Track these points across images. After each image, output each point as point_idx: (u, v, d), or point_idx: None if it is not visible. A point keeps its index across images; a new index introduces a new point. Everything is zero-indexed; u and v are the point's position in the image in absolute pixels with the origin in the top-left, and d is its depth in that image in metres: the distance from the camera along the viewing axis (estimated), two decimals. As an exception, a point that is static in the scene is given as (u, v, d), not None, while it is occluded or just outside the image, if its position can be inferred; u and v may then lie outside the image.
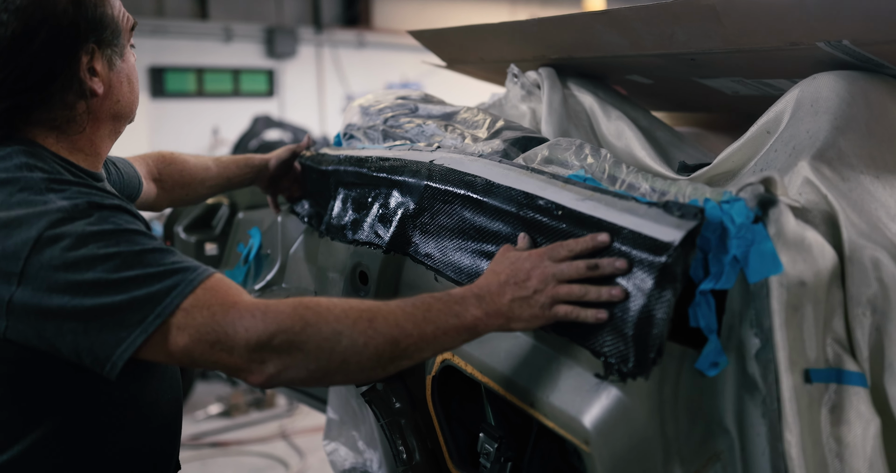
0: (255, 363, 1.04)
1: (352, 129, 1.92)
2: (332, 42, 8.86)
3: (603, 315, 1.09)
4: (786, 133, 1.32)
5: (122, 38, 1.28)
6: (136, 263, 1.08)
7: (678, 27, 1.44)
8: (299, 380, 1.08)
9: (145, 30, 7.74)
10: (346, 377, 1.10)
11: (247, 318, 1.05)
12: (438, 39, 2.03)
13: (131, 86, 1.32)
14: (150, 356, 1.07)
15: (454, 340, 1.11)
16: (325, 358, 1.05)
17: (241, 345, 1.03)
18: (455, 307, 1.11)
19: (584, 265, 1.11)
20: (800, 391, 1.04)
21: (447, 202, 1.40)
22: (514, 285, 1.13)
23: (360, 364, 1.07)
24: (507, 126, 1.59)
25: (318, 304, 1.08)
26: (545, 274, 1.12)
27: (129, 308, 1.05)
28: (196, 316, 1.05)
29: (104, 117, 1.28)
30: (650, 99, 2.03)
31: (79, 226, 1.09)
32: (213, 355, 1.05)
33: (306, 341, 1.05)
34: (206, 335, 1.05)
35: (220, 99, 8.24)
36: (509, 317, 1.12)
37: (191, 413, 5.42)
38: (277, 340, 1.04)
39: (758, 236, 1.04)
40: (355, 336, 1.05)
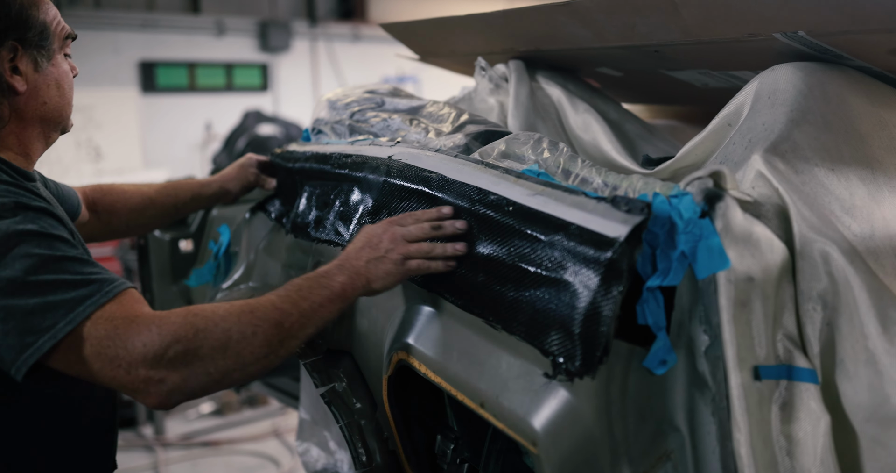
0: (153, 380, 1.07)
1: (320, 124, 1.91)
2: (327, 36, 8.82)
3: (452, 263, 1.25)
4: (744, 125, 1.30)
5: (51, 43, 1.31)
6: (55, 268, 1.10)
7: (639, 19, 1.42)
8: (201, 387, 1.11)
9: (136, 24, 7.71)
10: (244, 371, 1.13)
11: (144, 332, 1.08)
12: (409, 32, 2.01)
13: (61, 91, 1.34)
14: (55, 364, 1.08)
15: (330, 309, 1.21)
16: (221, 357, 1.10)
17: (139, 360, 1.06)
18: (322, 280, 1.22)
19: (429, 226, 1.27)
20: (749, 388, 1.02)
21: (405, 199, 1.38)
22: (369, 249, 1.27)
23: (253, 354, 1.13)
24: (470, 120, 1.57)
25: (204, 309, 1.13)
26: (395, 235, 1.27)
27: (41, 313, 1.07)
28: (100, 328, 1.08)
29: (30, 118, 1.31)
30: (623, 92, 2.01)
31: (2, 225, 1.11)
32: (111, 370, 1.07)
33: (200, 345, 1.09)
34: (106, 350, 1.07)
35: (212, 94, 8.21)
36: (368, 277, 1.25)
37: (183, 413, 5.41)
38: (172, 351, 1.07)
39: (705, 232, 1.02)
40: (243, 328, 1.12)
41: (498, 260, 1.16)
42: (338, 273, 1.24)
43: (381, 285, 1.26)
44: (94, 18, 7.53)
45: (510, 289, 1.13)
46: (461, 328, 1.23)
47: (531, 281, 1.11)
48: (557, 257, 1.08)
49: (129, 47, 7.73)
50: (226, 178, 1.96)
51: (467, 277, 1.21)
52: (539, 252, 1.11)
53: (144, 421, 5.19)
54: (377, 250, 1.27)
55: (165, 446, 4.98)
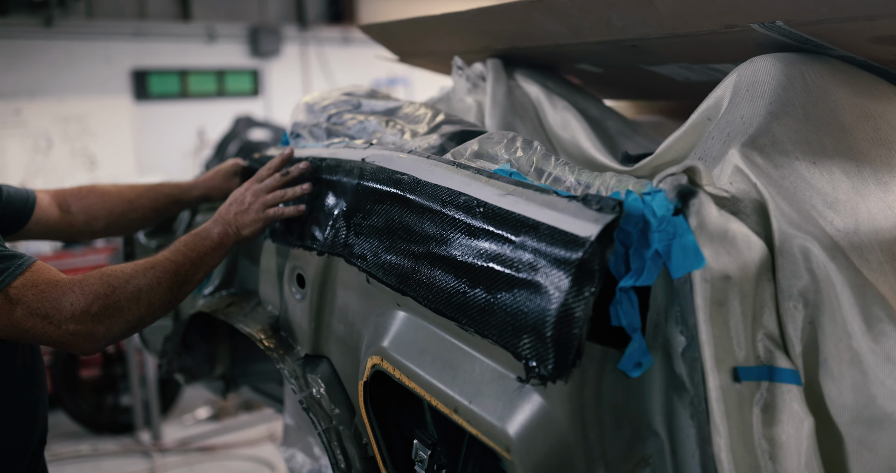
0: (81, 333, 1.27)
1: (298, 127, 1.87)
2: (318, 39, 8.79)
3: (302, 207, 1.54)
4: (723, 120, 1.27)
5: None
6: None
7: (614, 13, 1.39)
8: (121, 333, 1.33)
9: (127, 32, 7.68)
10: (153, 315, 1.37)
11: (69, 294, 1.28)
12: (386, 33, 1.97)
13: None
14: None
15: (213, 256, 1.49)
16: (136, 306, 1.33)
17: (68, 317, 1.26)
18: (203, 233, 1.51)
19: (279, 175, 1.57)
20: (728, 390, 0.99)
21: (378, 201, 1.35)
22: (236, 204, 1.55)
23: (160, 300, 1.37)
24: (446, 120, 1.54)
25: (115, 269, 1.35)
26: (255, 190, 1.56)
27: None
28: (27, 293, 1.26)
29: None
30: (605, 88, 1.98)
31: None
32: (43, 327, 1.26)
33: (118, 299, 1.31)
34: (38, 310, 1.26)
35: (204, 100, 8.18)
36: (237, 226, 1.53)
37: (179, 418, 5.38)
38: (96, 306, 1.28)
39: (679, 229, 0.99)
40: (149, 281, 1.36)
41: (470, 262, 1.13)
42: (213, 227, 1.52)
43: (249, 231, 1.53)
44: (86, 27, 7.50)
45: (482, 292, 1.10)
46: (435, 331, 1.19)
47: (503, 283, 1.07)
48: (528, 259, 1.05)
49: (122, 56, 7.70)
50: (208, 184, 1.93)
51: (440, 279, 1.17)
52: (510, 253, 1.07)
53: (142, 427, 5.17)
54: (242, 204, 1.55)
55: (163, 451, 4.96)
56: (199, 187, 1.91)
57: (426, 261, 1.21)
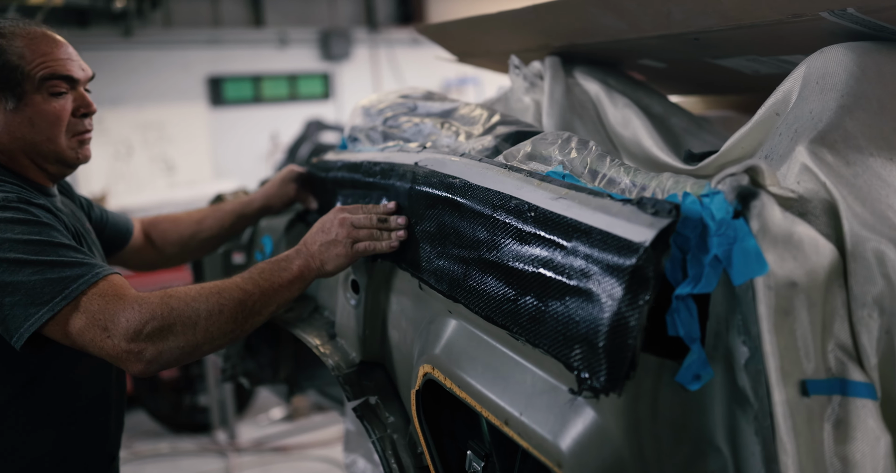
0: (133, 352, 1.23)
1: (355, 131, 1.86)
2: (387, 41, 8.83)
3: (395, 244, 1.37)
4: (791, 114, 1.19)
5: (24, 84, 1.42)
6: (52, 252, 1.28)
7: (674, 5, 1.33)
8: (174, 359, 1.26)
9: (202, 40, 7.86)
10: (212, 344, 1.29)
11: (128, 309, 1.24)
12: (443, 33, 1.95)
13: (35, 128, 1.44)
14: (52, 334, 1.26)
15: (290, 289, 1.36)
16: (192, 333, 1.26)
17: (121, 333, 1.23)
18: (282, 263, 1.38)
19: (376, 217, 1.40)
20: (795, 405, 0.92)
21: (430, 206, 1.32)
22: (322, 234, 1.41)
23: (220, 329, 1.28)
24: (501, 121, 1.50)
25: (178, 291, 1.29)
26: (344, 221, 1.40)
27: (42, 288, 1.25)
28: (94, 303, 1.25)
29: (10, 151, 1.45)
30: (670, 83, 1.91)
31: (7, 214, 1.29)
32: (101, 340, 1.23)
33: (174, 323, 1.25)
34: (98, 321, 1.24)
35: (277, 104, 8.32)
36: (322, 259, 1.39)
37: (254, 418, 5.47)
38: (150, 327, 1.24)
39: (739, 233, 0.93)
40: (211, 307, 1.28)
41: (520, 268, 1.09)
42: (295, 257, 1.39)
43: (333, 266, 1.39)
44: (163, 36, 7.71)
45: (533, 299, 1.06)
46: (486, 340, 1.16)
47: (554, 291, 1.03)
48: (581, 265, 1.00)
49: (198, 63, 7.89)
50: (268, 194, 1.95)
51: (490, 286, 1.14)
52: (562, 260, 1.03)
53: (218, 427, 5.27)
54: (329, 234, 1.40)
55: (238, 451, 5.04)
56: (259, 198, 1.94)
57: (477, 267, 1.17)
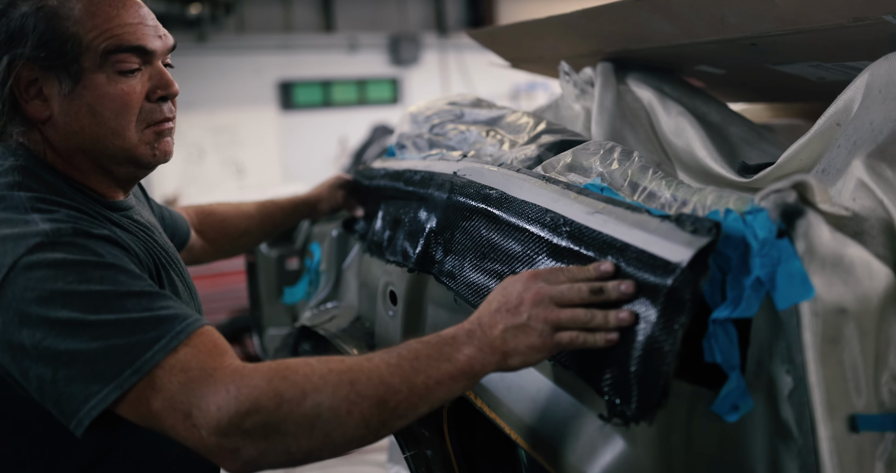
0: (226, 449, 0.89)
1: (403, 138, 1.83)
2: (457, 46, 8.83)
3: (614, 337, 0.92)
4: (851, 125, 1.12)
5: (81, 60, 1.08)
6: (118, 306, 0.95)
7: (727, 9, 1.26)
8: (280, 463, 0.92)
9: (273, 45, 7.98)
10: (333, 451, 0.92)
11: (220, 392, 0.89)
12: (494, 39, 1.91)
13: (98, 118, 1.10)
14: (123, 413, 0.94)
15: (451, 388, 0.95)
16: (306, 436, 0.89)
17: (213, 425, 0.88)
18: (446, 348, 0.95)
19: (587, 288, 0.94)
20: (843, 441, 0.85)
21: (466, 217, 1.28)
22: (506, 313, 0.96)
23: (346, 436, 0.91)
24: (547, 130, 1.45)
25: (296, 372, 0.92)
26: (540, 296, 0.96)
27: (105, 358, 0.92)
28: (173, 380, 0.91)
29: (66, 149, 1.12)
30: (731, 90, 1.83)
31: (59, 254, 0.97)
32: (184, 429, 0.90)
33: (284, 420, 0.89)
34: (179, 405, 0.90)
35: (346, 109, 8.39)
36: (504, 351, 0.95)
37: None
38: (250, 421, 0.88)
39: (784, 254, 0.86)
40: (337, 405, 0.90)
41: (553, 286, 1.04)
42: (466, 343, 0.96)
43: (520, 361, 0.96)
44: (236, 42, 7.87)
45: (565, 319, 1.01)
46: (518, 360, 1.11)
47: (587, 310, 0.98)
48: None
49: (269, 68, 8.03)
50: (318, 198, 1.94)
51: (523, 304, 1.09)
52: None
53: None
54: (517, 315, 0.96)
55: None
56: (309, 202, 1.92)
57: (510, 282, 1.13)
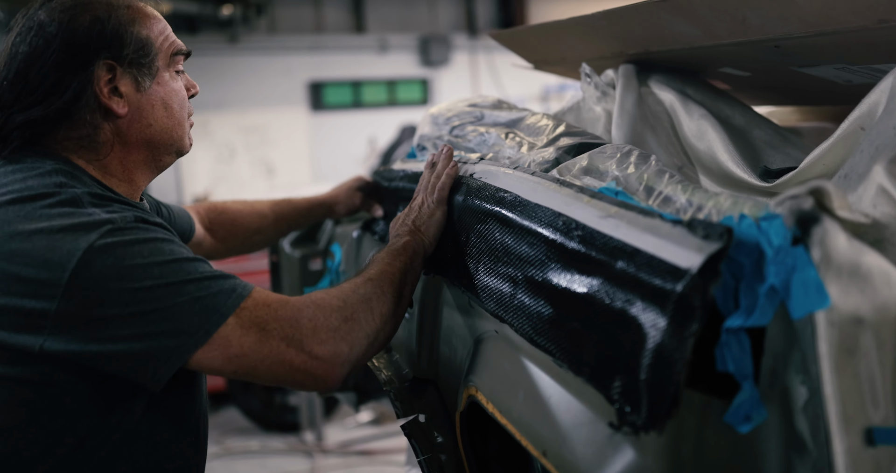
0: (325, 357, 1.10)
1: (423, 140, 1.83)
2: (487, 47, 8.81)
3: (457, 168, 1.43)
4: (874, 130, 1.09)
5: (155, 60, 1.26)
6: (191, 268, 1.11)
7: (749, 10, 1.24)
8: (363, 352, 1.15)
9: (304, 46, 8.03)
10: (385, 329, 1.20)
11: (305, 310, 1.11)
12: (516, 40, 1.89)
13: (169, 111, 1.28)
14: (209, 362, 1.07)
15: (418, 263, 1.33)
16: (370, 318, 1.17)
17: (309, 336, 1.09)
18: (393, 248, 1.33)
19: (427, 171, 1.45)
20: (859, 454, 0.83)
21: (480, 220, 1.27)
22: (407, 213, 1.42)
23: (390, 310, 1.21)
24: (566, 132, 1.44)
25: (333, 289, 1.20)
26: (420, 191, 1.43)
27: (192, 310, 1.06)
28: (260, 313, 1.09)
29: (134, 142, 1.26)
30: (757, 93, 1.79)
31: (129, 236, 1.09)
32: (282, 353, 1.08)
33: (353, 311, 1.15)
34: (276, 331, 1.08)
35: (376, 109, 8.41)
36: (418, 226, 1.38)
37: (341, 421, 5.52)
38: (335, 321, 1.12)
39: (799, 262, 0.84)
40: (373, 291, 1.20)
41: (564, 290, 1.03)
42: (400, 239, 1.34)
43: (430, 224, 1.38)
44: (267, 42, 7.92)
45: (576, 323, 1.00)
46: (530, 364, 1.10)
47: (598, 316, 0.96)
48: (625, 290, 0.93)
49: (299, 69, 8.08)
50: (336, 199, 1.96)
51: (534, 307, 1.08)
52: (606, 283, 0.96)
53: (307, 427, 5.34)
54: (411, 210, 1.41)
55: (324, 452, 5.10)
56: (326, 203, 1.94)
57: (522, 286, 1.12)
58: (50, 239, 1.06)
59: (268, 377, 1.11)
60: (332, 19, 8.32)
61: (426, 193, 1.41)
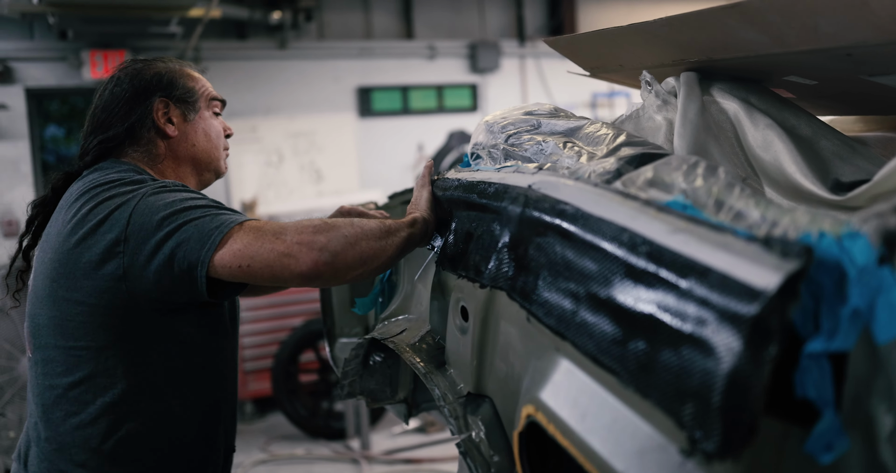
0: (303, 243, 1.42)
1: (478, 148, 1.80)
2: (536, 54, 8.76)
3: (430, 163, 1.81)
4: (959, 142, 1.03)
5: (197, 102, 1.78)
6: (214, 205, 1.54)
7: (821, 18, 1.19)
8: (341, 248, 1.44)
9: (354, 52, 8.06)
10: (368, 242, 1.49)
11: (290, 224, 1.48)
12: (573, 47, 1.86)
13: (208, 138, 1.79)
14: (220, 261, 1.44)
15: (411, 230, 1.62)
16: (349, 227, 1.48)
17: (292, 231, 1.44)
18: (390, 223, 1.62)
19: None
20: (949, 488, 0.78)
21: (540, 233, 1.24)
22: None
23: (373, 233, 1.50)
24: (627, 142, 1.40)
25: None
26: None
27: (210, 222, 1.47)
28: (260, 223, 1.49)
29: (183, 157, 1.76)
30: (823, 102, 1.73)
31: (169, 189, 1.55)
32: (272, 242, 1.43)
33: (335, 222, 1.48)
34: (268, 231, 1.45)
35: (424, 115, 8.40)
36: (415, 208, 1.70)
37: (388, 429, 5.51)
38: (315, 224, 1.47)
39: (885, 283, 0.80)
40: (360, 220, 1.53)
41: (631, 308, 0.99)
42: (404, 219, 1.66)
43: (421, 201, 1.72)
44: (316, 48, 7.97)
45: (643, 344, 0.96)
46: (594, 384, 1.06)
47: (667, 336, 0.93)
48: (696, 309, 0.90)
49: (348, 74, 8.10)
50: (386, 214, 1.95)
51: (599, 325, 1.04)
52: (675, 302, 0.92)
53: (353, 434, 5.34)
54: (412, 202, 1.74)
55: (370, 460, 5.09)
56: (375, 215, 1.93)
57: (585, 303, 1.08)
58: (122, 193, 1.54)
59: (263, 266, 1.42)
60: (381, 25, 8.34)
61: (415, 187, 1.77)
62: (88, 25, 6.42)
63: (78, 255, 1.50)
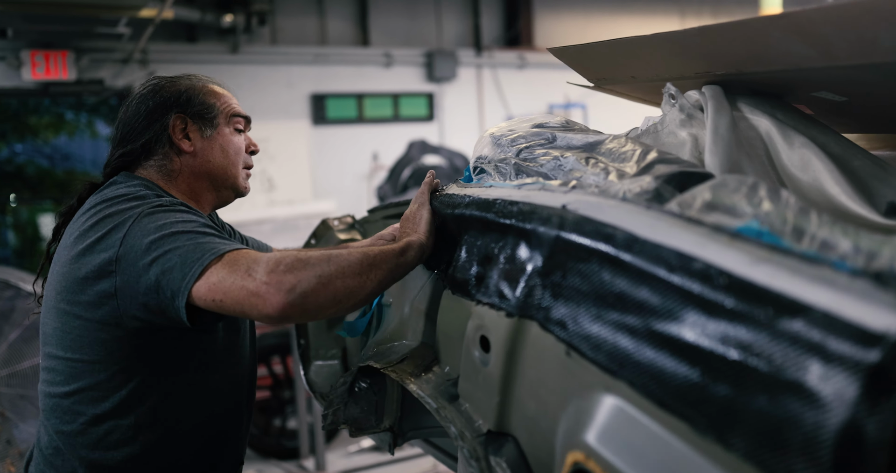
0: (271, 285, 1.35)
1: (482, 162, 1.69)
2: (493, 64, 8.71)
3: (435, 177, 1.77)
4: None
5: (216, 118, 1.78)
6: (202, 232, 1.49)
7: (883, 30, 1.11)
8: (312, 289, 1.36)
9: (307, 58, 7.89)
10: (344, 281, 1.40)
11: (265, 256, 1.41)
12: (583, 56, 1.76)
13: (224, 154, 1.78)
14: (198, 293, 1.41)
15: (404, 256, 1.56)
16: (325, 264, 1.39)
17: (263, 269, 1.37)
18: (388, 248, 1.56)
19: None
20: None
21: (581, 259, 1.13)
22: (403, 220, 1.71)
23: (351, 268, 1.42)
24: (660, 159, 1.30)
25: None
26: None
27: (193, 251, 1.43)
28: (238, 256, 1.42)
29: (199, 173, 1.76)
30: (843, 119, 1.67)
31: (167, 208, 1.54)
32: (243, 279, 1.37)
33: (308, 258, 1.39)
34: (241, 266, 1.39)
35: (379, 124, 8.27)
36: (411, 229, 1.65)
37: (343, 447, 5.35)
38: (287, 261, 1.38)
39: None
40: (338, 252, 1.44)
41: (709, 348, 0.89)
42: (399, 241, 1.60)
43: (419, 222, 1.65)
44: (269, 54, 7.78)
45: (726, 388, 0.86)
46: (658, 430, 0.95)
47: (755, 381, 0.83)
48: (794, 353, 0.80)
49: (302, 81, 7.93)
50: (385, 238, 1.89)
51: (665, 365, 0.94)
52: (767, 342, 0.82)
53: (307, 454, 5.17)
54: (406, 219, 1.69)
55: (326, 480, 4.92)
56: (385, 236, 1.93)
57: (647, 339, 0.97)
58: (121, 211, 1.54)
59: (234, 303, 1.38)
60: (336, 31, 8.19)
61: (413, 203, 1.70)
62: (30, 23, 6.13)
63: (76, 269, 1.53)
